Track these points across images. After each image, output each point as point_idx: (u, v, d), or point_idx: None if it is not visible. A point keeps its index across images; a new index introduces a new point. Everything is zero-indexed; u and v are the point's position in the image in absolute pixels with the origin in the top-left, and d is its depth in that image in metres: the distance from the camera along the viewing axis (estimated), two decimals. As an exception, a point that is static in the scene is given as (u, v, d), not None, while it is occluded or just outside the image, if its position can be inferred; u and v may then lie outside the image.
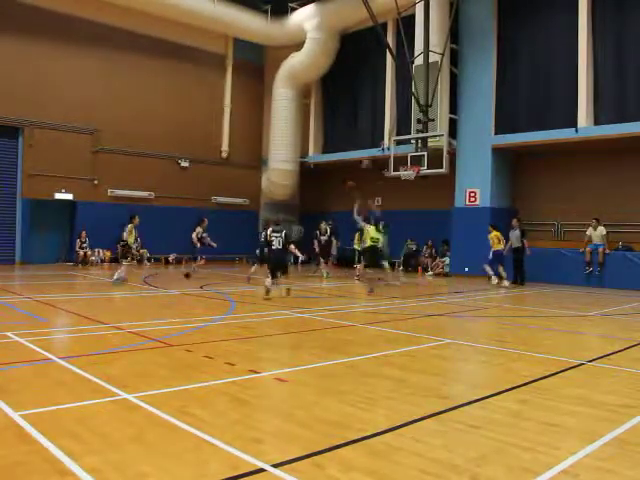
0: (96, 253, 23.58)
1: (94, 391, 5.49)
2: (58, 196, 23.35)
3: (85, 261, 22.94)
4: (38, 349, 7.30)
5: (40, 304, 11.78)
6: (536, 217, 21.45)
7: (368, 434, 4.51)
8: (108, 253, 24.02)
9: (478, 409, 5.32)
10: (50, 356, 6.93)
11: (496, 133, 21.30)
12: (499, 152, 21.42)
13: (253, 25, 26.99)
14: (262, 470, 3.76)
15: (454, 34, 21.71)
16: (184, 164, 26.88)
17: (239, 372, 6.42)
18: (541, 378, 6.53)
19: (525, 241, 18.96)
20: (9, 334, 8.18)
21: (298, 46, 26.47)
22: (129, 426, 4.58)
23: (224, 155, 28.34)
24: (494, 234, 18.58)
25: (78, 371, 6.17)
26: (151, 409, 4.97)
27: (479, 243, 20.48)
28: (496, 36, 21.40)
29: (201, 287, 15.87)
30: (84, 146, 24.01)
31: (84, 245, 23.13)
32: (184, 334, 8.76)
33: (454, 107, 22.02)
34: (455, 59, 21.98)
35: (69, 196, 23.61)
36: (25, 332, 8.32)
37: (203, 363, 6.86)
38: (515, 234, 19.08)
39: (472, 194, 21.67)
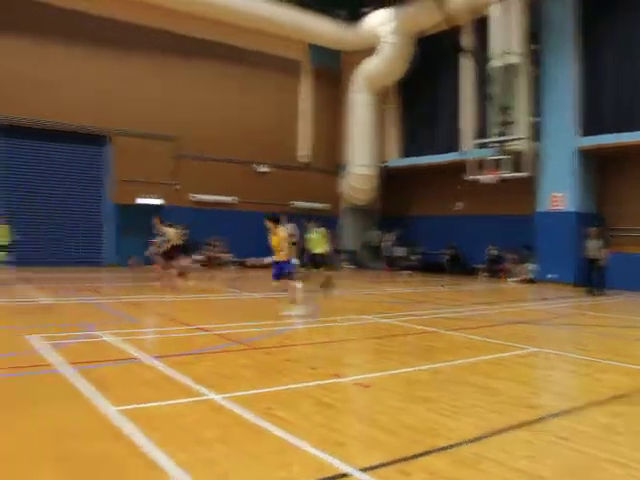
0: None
1: (182, 390, 5.66)
2: (143, 201, 24.22)
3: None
4: (129, 348, 7.58)
5: (129, 305, 12.22)
6: (624, 222, 20.58)
7: (454, 442, 4.46)
8: (195, 257, 24.58)
9: (567, 420, 5.17)
10: (140, 355, 7.18)
11: (582, 135, 20.59)
12: (585, 154, 20.68)
13: (328, 30, 27.11)
14: (346, 475, 3.78)
15: (535, 34, 21.12)
16: (262, 169, 27.31)
17: (322, 376, 6.47)
18: (633, 390, 6.28)
19: (605, 250, 17.85)
20: (101, 333, 8.53)
21: (374, 50, 26.43)
22: (216, 426, 4.70)
23: (302, 160, 28.60)
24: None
25: (167, 370, 6.37)
26: (237, 410, 5.07)
27: (565, 249, 19.91)
28: (580, 34, 20.64)
29: (284, 291, 15.95)
30: (166, 152, 24.80)
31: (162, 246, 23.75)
32: (267, 337, 8.90)
33: (536, 109, 21.43)
34: (536, 59, 21.36)
35: (156, 201, 24.43)
36: (116, 332, 8.65)
37: (286, 366, 6.95)
38: (594, 244, 18.03)
39: (556, 198, 21.03)
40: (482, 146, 22.20)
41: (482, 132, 22.98)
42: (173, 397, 5.44)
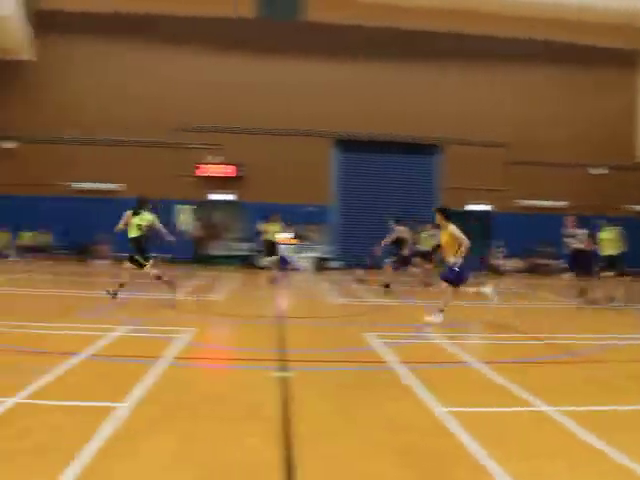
0: (510, 263, 23.84)
1: (513, 398, 5.56)
2: (472, 207, 24.51)
3: (499, 270, 23.40)
4: (458, 351, 7.70)
5: (459, 309, 12.38)
6: None
7: None
8: (521, 263, 24.05)
9: None
10: (469, 359, 7.24)
11: None
12: None
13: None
14: None
15: None
16: (596, 171, 25.50)
17: (670, 398, 5.79)
18: None
19: None
20: (432, 335, 8.80)
21: None
22: (546, 439, 4.52)
23: (640, 160, 25.97)
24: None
25: (495, 377, 6.32)
26: (569, 425, 4.79)
27: None
28: None
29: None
30: (495, 159, 24.65)
31: (498, 255, 23.66)
32: (605, 350, 8.30)
33: None
34: None
35: (484, 207, 24.54)
36: (446, 335, 8.86)
37: (627, 384, 6.39)
38: None
39: None
40: None
41: None
42: (501, 404, 5.38)
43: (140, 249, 11.58)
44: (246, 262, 22.76)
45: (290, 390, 5.66)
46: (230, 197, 24.34)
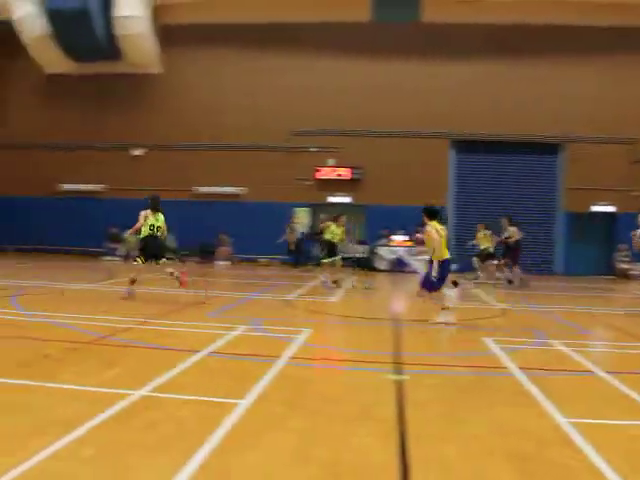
0: (639, 267, 22.51)
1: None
2: (598, 209, 23.43)
3: (625, 275, 22.19)
4: (581, 360, 7.37)
5: (580, 315, 11.90)
6: None
7: None
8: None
9: None
10: (593, 368, 6.90)
11: None
12: None
13: None
14: None
15: None
16: None
17: None
18: None
19: None
20: (553, 342, 8.47)
21: None
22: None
23: None
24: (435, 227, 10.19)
25: (624, 388, 5.98)
26: None
27: None
28: None
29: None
30: (621, 157, 23.31)
31: (625, 259, 22.41)
32: None
33: None
34: None
35: (610, 208, 23.37)
36: (567, 342, 8.48)
37: None
38: None
39: None
40: None
41: None
42: (630, 418, 5.10)
43: (155, 248, 11.79)
44: (362, 264, 22.78)
45: (405, 392, 5.65)
46: (346, 200, 24.53)
